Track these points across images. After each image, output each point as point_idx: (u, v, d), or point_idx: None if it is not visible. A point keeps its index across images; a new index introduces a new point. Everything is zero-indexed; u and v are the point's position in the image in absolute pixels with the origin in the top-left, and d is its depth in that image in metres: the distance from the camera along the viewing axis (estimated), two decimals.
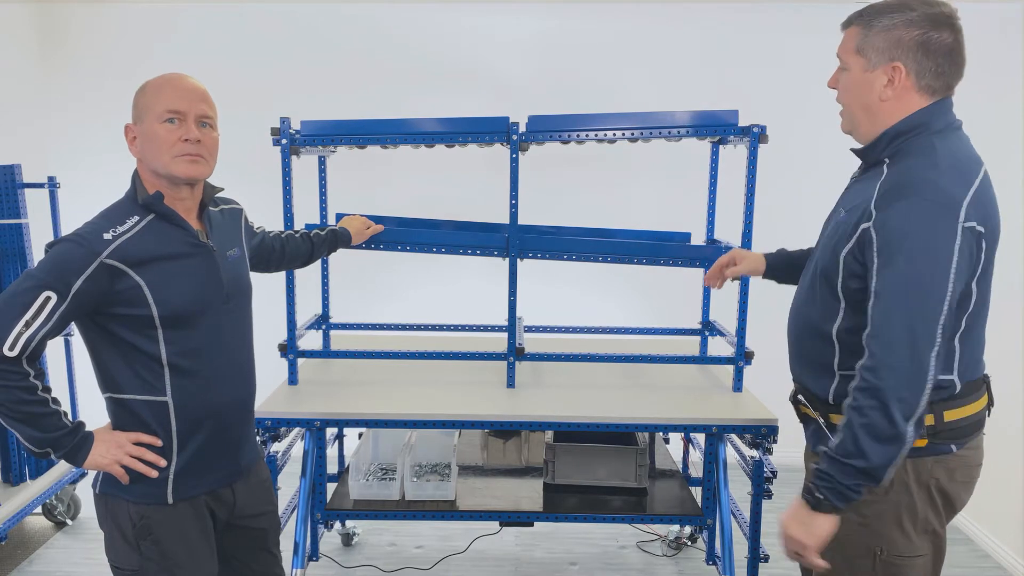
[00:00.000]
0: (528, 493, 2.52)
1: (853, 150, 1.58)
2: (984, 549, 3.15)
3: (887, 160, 1.48)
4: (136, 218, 1.51)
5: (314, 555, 2.60)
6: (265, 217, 2.17)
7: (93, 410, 1.78)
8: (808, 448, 1.71)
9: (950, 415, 1.48)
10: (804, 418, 1.68)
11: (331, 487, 2.62)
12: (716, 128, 2.36)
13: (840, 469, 1.38)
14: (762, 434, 2.25)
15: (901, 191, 1.38)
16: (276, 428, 2.28)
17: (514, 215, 2.38)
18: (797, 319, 1.64)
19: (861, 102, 1.50)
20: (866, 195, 1.45)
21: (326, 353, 2.79)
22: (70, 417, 1.50)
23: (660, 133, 2.36)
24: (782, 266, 1.96)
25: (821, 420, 1.59)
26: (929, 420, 1.46)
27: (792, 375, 1.69)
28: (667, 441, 3.08)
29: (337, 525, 3.09)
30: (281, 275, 2.35)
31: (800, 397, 1.65)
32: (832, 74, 1.56)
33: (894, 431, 1.33)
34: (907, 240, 1.35)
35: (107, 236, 1.46)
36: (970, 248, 1.36)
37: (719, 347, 2.81)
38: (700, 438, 2.99)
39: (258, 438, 2.21)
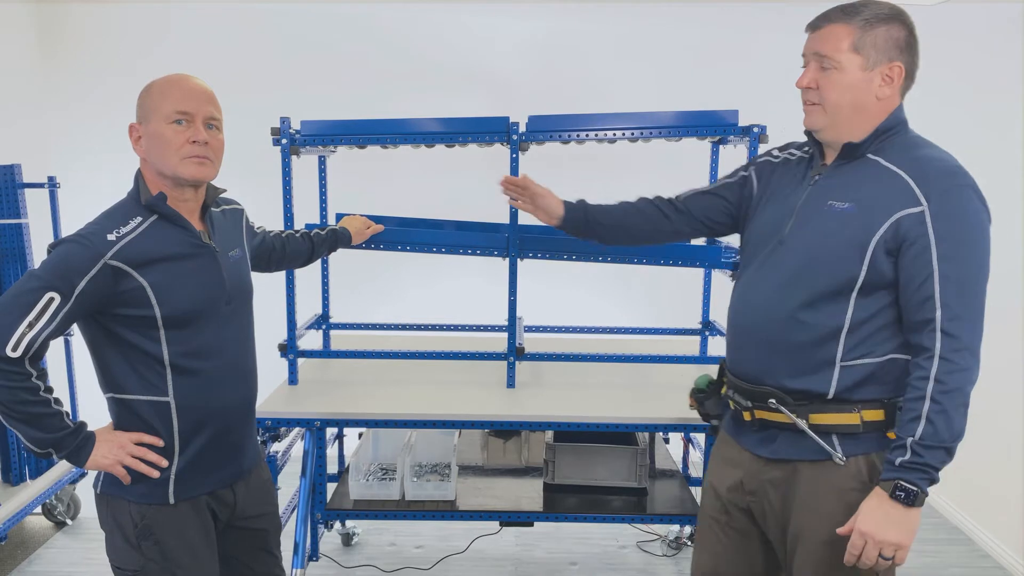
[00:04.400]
0: (528, 493, 2.52)
1: (849, 144, 1.55)
2: (984, 549, 3.15)
3: (869, 154, 1.53)
4: (139, 219, 1.51)
5: (314, 555, 2.59)
6: (265, 217, 2.17)
7: (94, 410, 1.78)
8: (740, 457, 1.68)
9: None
10: (761, 425, 1.63)
11: (331, 487, 2.62)
12: (716, 128, 2.36)
13: (936, 455, 1.39)
14: None
15: (945, 179, 1.44)
16: (276, 428, 2.28)
17: (514, 215, 2.38)
18: (779, 322, 1.57)
19: (855, 100, 1.51)
20: (878, 186, 1.48)
21: (326, 353, 2.79)
22: (71, 417, 1.50)
23: (660, 133, 2.36)
24: (581, 221, 1.96)
25: (803, 422, 1.55)
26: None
27: (758, 380, 1.62)
28: (667, 441, 3.08)
29: (337, 525, 3.09)
30: (281, 275, 2.35)
31: (772, 402, 1.58)
32: (805, 74, 1.55)
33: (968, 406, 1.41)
34: (974, 227, 1.42)
35: (111, 237, 1.46)
36: None
37: (719, 347, 2.80)
38: (700, 438, 2.99)
39: (258, 438, 2.21)
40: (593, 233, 1.99)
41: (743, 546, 1.76)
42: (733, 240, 2.51)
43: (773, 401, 1.59)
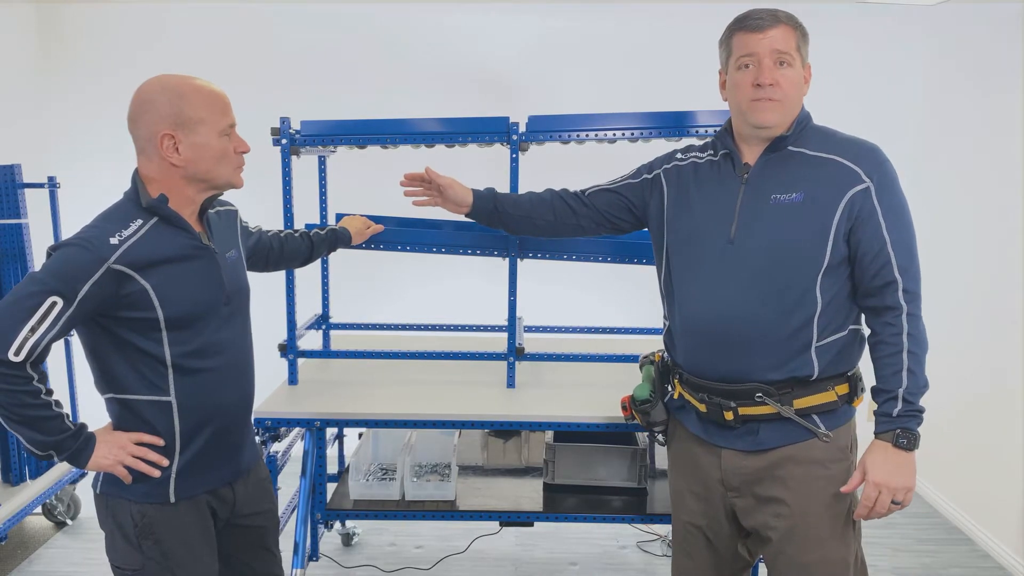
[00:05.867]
0: (528, 493, 2.52)
1: (777, 137, 1.64)
2: (984, 549, 3.15)
3: (790, 147, 1.63)
4: (140, 221, 1.51)
5: (314, 555, 2.60)
6: (265, 217, 2.17)
7: (94, 411, 1.78)
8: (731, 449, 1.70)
9: None
10: (744, 420, 1.66)
11: (331, 487, 2.62)
12: (716, 127, 2.36)
13: (920, 400, 1.52)
14: None
15: (875, 155, 1.59)
16: (276, 428, 2.28)
17: None
18: (756, 322, 1.61)
19: (800, 95, 1.64)
20: (818, 172, 1.59)
21: (326, 353, 2.79)
22: (71, 419, 1.50)
23: (660, 133, 2.36)
24: (491, 211, 2.03)
25: (789, 409, 1.62)
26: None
27: (741, 379, 1.64)
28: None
29: (337, 525, 3.09)
30: (281, 275, 2.35)
31: (759, 396, 1.63)
32: (767, 71, 1.58)
33: None
34: (902, 195, 1.58)
35: (113, 241, 1.45)
36: None
37: None
38: None
39: (258, 438, 2.21)
40: (501, 223, 2.05)
41: (724, 549, 1.80)
42: None
43: (760, 395, 1.63)
